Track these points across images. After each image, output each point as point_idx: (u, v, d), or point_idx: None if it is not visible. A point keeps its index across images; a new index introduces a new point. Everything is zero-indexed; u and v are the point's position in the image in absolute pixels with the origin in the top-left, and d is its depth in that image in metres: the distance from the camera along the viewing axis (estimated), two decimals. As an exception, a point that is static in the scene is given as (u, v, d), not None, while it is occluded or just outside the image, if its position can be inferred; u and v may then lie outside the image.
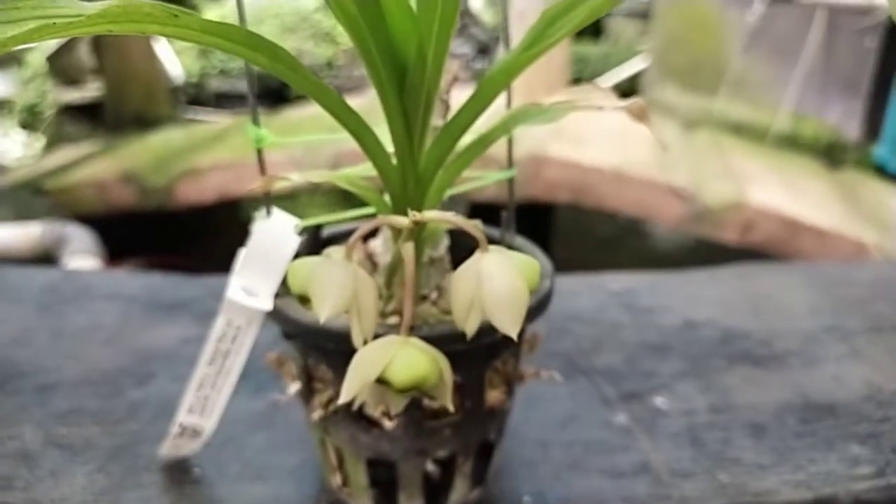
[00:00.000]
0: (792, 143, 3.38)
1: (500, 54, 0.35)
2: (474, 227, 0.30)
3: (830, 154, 3.32)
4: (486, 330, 0.31)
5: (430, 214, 0.30)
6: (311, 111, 3.22)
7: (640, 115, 0.34)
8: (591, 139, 2.52)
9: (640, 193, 2.26)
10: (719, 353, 0.60)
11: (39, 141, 4.00)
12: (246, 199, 2.67)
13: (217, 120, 3.88)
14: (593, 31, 5.20)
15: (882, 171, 3.13)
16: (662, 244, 3.23)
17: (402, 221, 0.30)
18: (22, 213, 2.45)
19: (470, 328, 0.30)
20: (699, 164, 2.61)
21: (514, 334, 0.28)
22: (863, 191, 2.80)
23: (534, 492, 0.43)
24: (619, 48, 4.86)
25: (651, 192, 2.26)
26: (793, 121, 3.42)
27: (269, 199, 0.37)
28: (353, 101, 0.31)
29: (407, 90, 0.31)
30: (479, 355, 0.36)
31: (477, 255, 0.29)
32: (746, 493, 0.43)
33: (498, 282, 0.28)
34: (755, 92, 3.53)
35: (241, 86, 4.28)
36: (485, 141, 0.34)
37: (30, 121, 4.24)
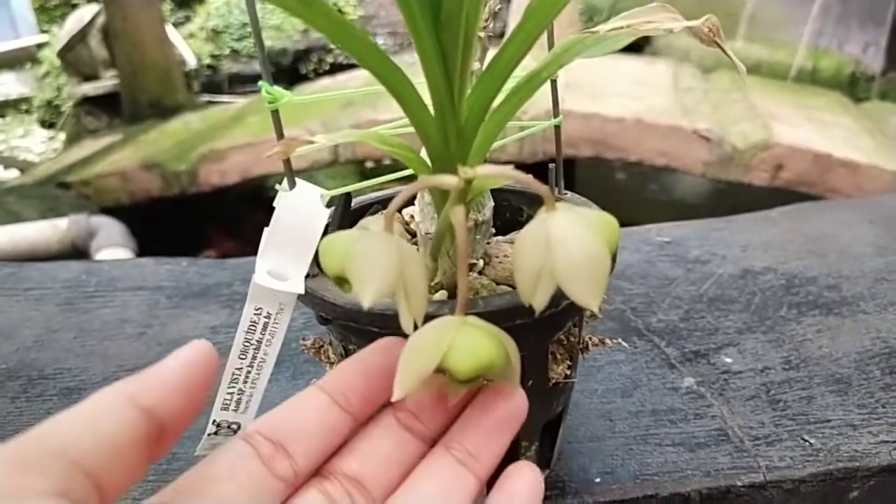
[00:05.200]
0: (813, 78, 3.28)
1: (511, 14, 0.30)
2: (536, 182, 0.25)
3: (853, 87, 3.21)
4: (551, 300, 0.27)
5: (482, 170, 0.25)
6: (325, 83, 3.16)
7: (711, 36, 0.30)
8: (608, 91, 2.45)
9: (664, 141, 2.19)
10: (785, 301, 0.55)
11: (60, 136, 4.00)
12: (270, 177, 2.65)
13: (233, 101, 3.84)
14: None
15: (910, 101, 3.02)
16: (686, 193, 3.15)
17: (451, 181, 0.25)
18: (47, 209, 2.44)
19: (539, 302, 0.25)
20: (722, 106, 2.53)
21: (595, 307, 0.24)
22: (892, 121, 2.70)
23: (604, 471, 0.39)
24: (629, -6, 4.73)
25: (675, 139, 2.18)
26: (812, 56, 3.30)
27: (291, 169, 0.33)
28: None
29: (443, 22, 0.26)
30: (542, 328, 0.32)
31: (542, 215, 0.24)
32: (841, 457, 0.39)
33: (573, 246, 0.23)
34: (772, 30, 3.41)
35: (253, 67, 4.21)
36: (535, 80, 0.30)
37: (49, 117, 4.25)
